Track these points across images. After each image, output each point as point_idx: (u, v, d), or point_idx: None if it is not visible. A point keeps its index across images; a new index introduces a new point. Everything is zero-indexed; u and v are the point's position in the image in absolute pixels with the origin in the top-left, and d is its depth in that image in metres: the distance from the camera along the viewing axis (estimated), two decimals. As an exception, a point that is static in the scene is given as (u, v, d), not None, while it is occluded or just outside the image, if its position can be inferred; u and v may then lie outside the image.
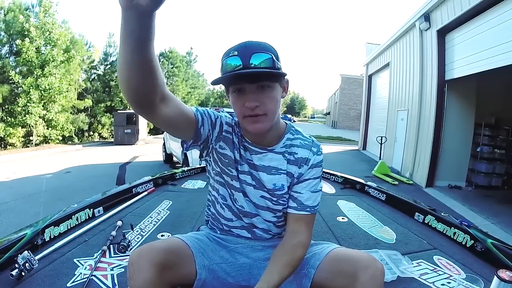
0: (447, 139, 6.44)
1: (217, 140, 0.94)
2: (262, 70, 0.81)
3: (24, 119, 11.57)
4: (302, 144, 0.98)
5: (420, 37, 7.11)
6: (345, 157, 11.06)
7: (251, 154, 0.96)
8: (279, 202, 0.97)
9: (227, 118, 0.97)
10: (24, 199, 4.80)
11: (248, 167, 0.96)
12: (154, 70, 0.67)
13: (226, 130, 0.95)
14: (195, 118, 0.85)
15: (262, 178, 0.96)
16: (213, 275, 0.95)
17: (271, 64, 0.82)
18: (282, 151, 0.97)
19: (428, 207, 1.95)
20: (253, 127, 0.87)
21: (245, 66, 0.80)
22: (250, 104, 0.83)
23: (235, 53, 0.82)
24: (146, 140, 15.24)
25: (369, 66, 12.91)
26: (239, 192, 0.97)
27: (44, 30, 11.95)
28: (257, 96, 0.84)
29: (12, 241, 1.25)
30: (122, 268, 1.25)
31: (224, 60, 0.83)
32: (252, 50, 0.82)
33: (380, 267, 0.83)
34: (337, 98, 37.83)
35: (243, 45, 0.83)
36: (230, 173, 0.97)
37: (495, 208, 5.07)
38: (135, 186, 2.33)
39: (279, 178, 0.96)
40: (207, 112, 0.91)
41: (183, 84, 22.66)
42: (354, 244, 1.59)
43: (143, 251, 0.82)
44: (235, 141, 0.96)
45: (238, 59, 0.81)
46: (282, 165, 0.96)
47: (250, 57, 0.81)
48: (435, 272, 1.31)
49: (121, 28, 0.59)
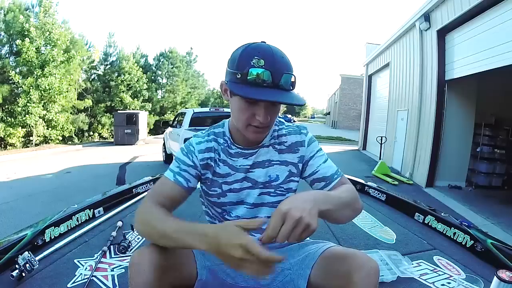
0: (447, 139, 6.45)
1: (203, 174, 0.98)
2: (292, 104, 0.79)
3: (24, 119, 11.57)
4: (289, 131, 1.00)
5: (420, 37, 7.11)
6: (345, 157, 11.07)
7: (245, 158, 0.97)
8: (277, 193, 0.98)
9: (199, 145, 0.96)
10: (24, 199, 4.81)
11: (241, 173, 0.97)
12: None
13: (202, 159, 0.96)
14: (189, 192, 0.93)
15: (257, 175, 0.97)
16: (213, 276, 0.95)
17: (294, 87, 0.83)
18: (271, 143, 0.99)
19: (428, 207, 1.95)
20: (254, 136, 0.89)
21: (275, 85, 0.78)
22: (263, 119, 0.83)
23: (262, 63, 0.77)
24: (146, 140, 15.24)
25: (369, 66, 12.92)
26: (230, 205, 0.99)
27: (44, 30, 11.95)
28: (269, 112, 0.84)
29: (12, 242, 1.25)
30: (122, 268, 1.25)
31: (249, 68, 0.77)
32: (282, 68, 0.79)
33: (374, 266, 0.82)
34: (337, 98, 37.85)
35: (270, 54, 0.79)
36: (215, 192, 0.98)
37: (495, 208, 5.07)
38: (135, 186, 2.33)
39: (273, 169, 0.98)
40: (191, 170, 0.94)
41: (183, 84, 22.65)
42: (354, 245, 1.59)
43: (144, 252, 0.82)
44: (217, 158, 0.97)
45: (269, 75, 0.77)
46: (274, 156, 0.98)
47: (281, 77, 0.78)
48: (435, 272, 1.31)
49: (180, 241, 0.76)
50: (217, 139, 0.98)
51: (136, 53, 20.70)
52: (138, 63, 19.69)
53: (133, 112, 14.83)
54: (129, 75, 17.98)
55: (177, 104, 22.30)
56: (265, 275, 0.65)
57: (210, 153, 0.96)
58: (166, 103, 21.92)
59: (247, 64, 0.78)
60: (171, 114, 20.90)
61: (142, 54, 21.78)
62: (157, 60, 22.43)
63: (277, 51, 0.81)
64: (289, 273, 0.95)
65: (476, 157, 6.47)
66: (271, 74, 0.77)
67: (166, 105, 22.02)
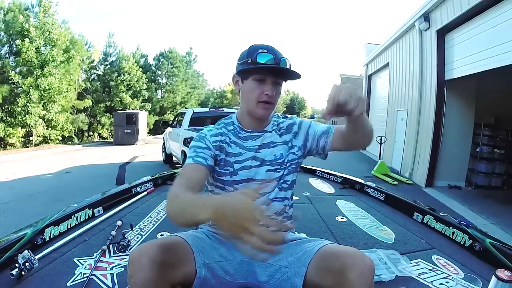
0: (446, 139, 6.45)
1: (217, 156, 1.09)
2: (293, 71, 1.04)
3: (24, 119, 11.57)
4: (284, 120, 1.20)
5: (420, 37, 7.11)
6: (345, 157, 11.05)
7: (253, 140, 1.12)
8: (282, 168, 1.11)
9: (211, 131, 1.12)
10: (24, 199, 4.81)
11: (251, 152, 1.10)
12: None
13: (214, 141, 1.09)
14: (208, 168, 1.04)
15: (264, 154, 1.10)
16: (212, 274, 0.95)
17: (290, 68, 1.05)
18: (274, 129, 1.16)
19: (427, 207, 1.96)
20: (263, 112, 1.06)
21: (277, 63, 1.01)
22: (271, 92, 1.04)
23: (265, 51, 1.02)
24: (145, 140, 15.24)
25: (368, 66, 12.93)
26: (241, 183, 1.07)
27: (43, 30, 11.96)
28: (275, 88, 1.05)
29: (12, 241, 1.26)
30: (121, 267, 1.25)
31: (256, 53, 1.02)
32: (280, 54, 1.04)
33: (369, 263, 0.82)
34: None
35: (271, 47, 1.05)
36: (227, 171, 1.08)
37: (495, 208, 5.07)
38: (135, 186, 2.33)
39: (277, 149, 1.12)
40: (206, 153, 1.06)
41: (183, 84, 22.65)
42: (353, 244, 1.59)
43: (144, 249, 0.83)
44: (228, 140, 1.11)
45: (271, 57, 1.01)
46: (276, 138, 1.14)
47: (281, 59, 1.02)
48: (434, 271, 1.31)
49: (189, 218, 0.78)
50: (226, 127, 1.14)
51: (135, 53, 20.71)
52: (138, 63, 19.70)
53: (133, 112, 14.84)
54: (128, 75, 17.99)
55: (177, 104, 22.31)
56: (268, 251, 0.62)
57: (221, 137, 1.11)
58: (165, 103, 21.93)
59: (255, 53, 1.02)
60: (170, 114, 20.89)
61: (142, 54, 21.80)
62: (157, 60, 22.44)
63: (276, 48, 1.05)
64: (286, 271, 0.95)
65: (475, 157, 6.47)
66: (274, 57, 1.01)
67: (166, 105, 22.02)
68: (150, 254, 0.81)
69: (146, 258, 0.80)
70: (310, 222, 1.93)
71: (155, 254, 0.81)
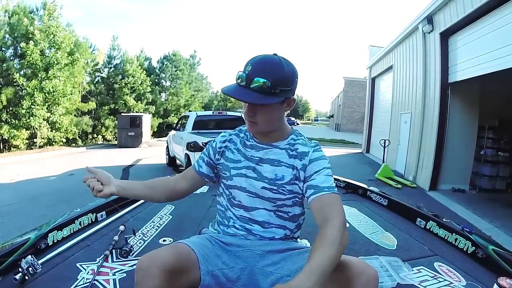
0: (450, 142, 6.41)
1: (217, 160, 1.15)
2: (246, 100, 0.97)
3: (28, 121, 11.67)
4: (303, 143, 1.09)
5: (423, 40, 7.10)
6: (349, 160, 11.04)
7: (257, 150, 1.09)
8: (279, 191, 1.05)
9: (223, 137, 1.18)
10: (28, 201, 4.84)
11: (251, 162, 1.08)
12: (153, 196, 1.18)
13: (220, 146, 1.15)
14: (201, 176, 1.17)
15: (265, 170, 1.06)
16: (216, 281, 0.96)
17: (264, 91, 0.94)
18: (286, 147, 1.08)
19: (430, 213, 1.95)
20: (249, 128, 1.07)
21: (247, 85, 0.95)
22: (246, 113, 1.03)
23: (249, 69, 0.96)
24: (149, 143, 15.30)
25: (372, 68, 12.90)
26: (235, 189, 1.09)
27: (48, 33, 12.06)
28: (252, 108, 1.00)
29: (15, 245, 1.26)
30: (124, 273, 1.26)
31: (240, 70, 0.99)
32: (258, 74, 0.94)
33: (373, 274, 0.83)
34: (340, 100, 37.80)
35: (259, 62, 0.96)
36: (225, 175, 1.12)
37: (499, 211, 5.04)
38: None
39: (280, 169, 1.05)
40: (204, 159, 1.17)
41: (187, 87, 22.75)
42: (355, 251, 1.59)
43: (153, 257, 0.83)
44: (233, 147, 1.14)
45: (244, 77, 0.96)
46: (284, 158, 1.06)
47: (252, 80, 0.94)
48: (436, 279, 1.30)
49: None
50: (239, 134, 1.16)
51: (140, 56, 20.84)
52: (142, 66, 19.82)
53: (137, 115, 14.91)
54: (132, 78, 18.10)
55: (181, 106, 22.39)
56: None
57: (227, 143, 1.15)
58: (169, 105, 22.02)
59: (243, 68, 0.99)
60: (174, 117, 20.99)
61: (146, 57, 21.94)
62: (161, 63, 22.56)
63: (269, 61, 0.97)
64: (288, 279, 0.95)
65: (479, 160, 6.43)
66: (246, 76, 0.95)
67: (170, 108, 22.11)
68: (159, 262, 0.81)
69: (155, 266, 0.80)
70: (312, 228, 1.92)
71: (164, 262, 0.82)
